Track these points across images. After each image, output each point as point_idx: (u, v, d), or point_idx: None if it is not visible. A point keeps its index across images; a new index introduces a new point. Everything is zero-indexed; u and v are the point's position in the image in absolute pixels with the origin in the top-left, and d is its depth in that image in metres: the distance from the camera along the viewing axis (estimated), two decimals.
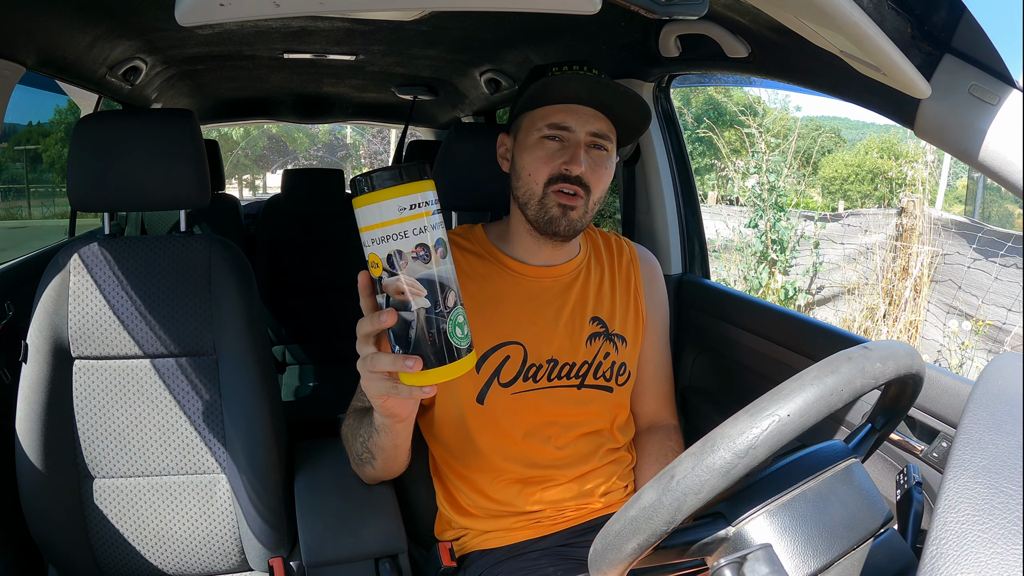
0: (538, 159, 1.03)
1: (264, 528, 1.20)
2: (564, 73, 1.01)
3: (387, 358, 0.68)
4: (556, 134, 1.03)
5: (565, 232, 1.04)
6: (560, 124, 1.02)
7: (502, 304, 1.08)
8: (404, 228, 0.63)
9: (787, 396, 0.56)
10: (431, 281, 0.64)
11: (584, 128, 1.02)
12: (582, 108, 1.03)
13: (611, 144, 1.05)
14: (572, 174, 1.01)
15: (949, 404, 0.94)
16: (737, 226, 5.36)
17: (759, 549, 0.58)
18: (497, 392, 1.06)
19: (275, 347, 2.77)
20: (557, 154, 1.02)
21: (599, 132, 1.03)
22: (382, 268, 0.64)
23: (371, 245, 0.64)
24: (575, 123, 1.02)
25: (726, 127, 9.59)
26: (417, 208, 0.63)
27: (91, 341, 1.18)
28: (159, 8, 1.40)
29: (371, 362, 0.70)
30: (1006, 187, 0.77)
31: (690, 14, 0.79)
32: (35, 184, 4.68)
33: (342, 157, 19.82)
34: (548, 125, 1.03)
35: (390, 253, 0.63)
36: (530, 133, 1.04)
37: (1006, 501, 0.44)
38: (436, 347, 0.66)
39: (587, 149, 1.03)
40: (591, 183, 1.02)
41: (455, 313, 0.66)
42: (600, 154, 1.04)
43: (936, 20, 0.78)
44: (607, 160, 1.05)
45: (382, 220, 0.63)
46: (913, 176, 5.51)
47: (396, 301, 0.65)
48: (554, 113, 1.03)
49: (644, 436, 1.20)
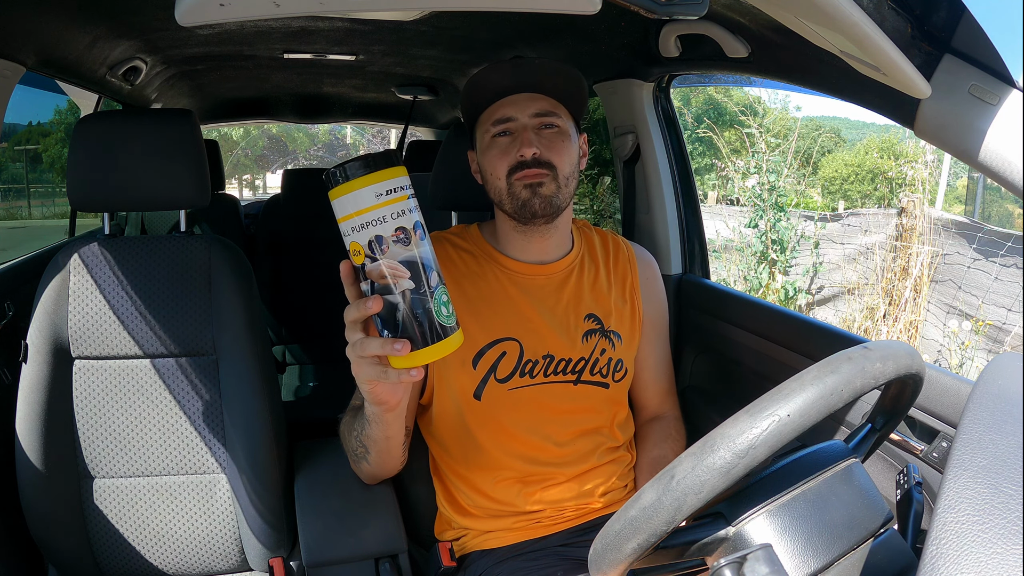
0: (494, 157, 1.06)
1: (264, 528, 1.20)
2: (493, 65, 1.05)
3: (376, 342, 0.69)
4: (503, 128, 1.06)
5: (542, 210, 1.05)
6: (502, 118, 1.05)
7: (497, 301, 1.09)
8: (383, 213, 0.64)
9: (787, 396, 0.56)
10: (413, 263, 0.66)
11: (524, 112, 1.05)
12: (517, 96, 1.06)
13: (561, 119, 1.07)
14: (526, 158, 1.03)
15: (949, 404, 0.94)
16: (737, 226, 5.36)
17: (759, 549, 0.58)
18: (494, 388, 1.06)
19: (275, 347, 2.77)
20: (510, 146, 1.05)
21: (542, 111, 1.06)
22: (364, 255, 0.66)
23: (351, 234, 0.66)
24: (514, 111, 1.05)
25: (726, 127, 9.59)
26: (393, 193, 0.65)
27: (91, 341, 1.18)
28: (159, 8, 1.40)
29: (360, 347, 0.71)
30: (1006, 187, 0.77)
31: (690, 14, 0.79)
32: (35, 184, 4.68)
33: (342, 157, 19.82)
34: (493, 123, 1.06)
35: (371, 239, 0.65)
36: (483, 138, 1.08)
37: (1006, 501, 0.44)
38: (423, 327, 0.67)
39: (536, 131, 1.05)
40: (552, 159, 1.04)
41: (439, 292, 0.68)
42: (551, 132, 1.06)
43: (936, 20, 0.78)
44: (561, 136, 1.07)
45: (360, 207, 0.64)
46: (913, 176, 5.50)
47: (380, 286, 0.66)
48: (495, 111, 1.06)
49: (646, 425, 1.23)
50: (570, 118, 1.09)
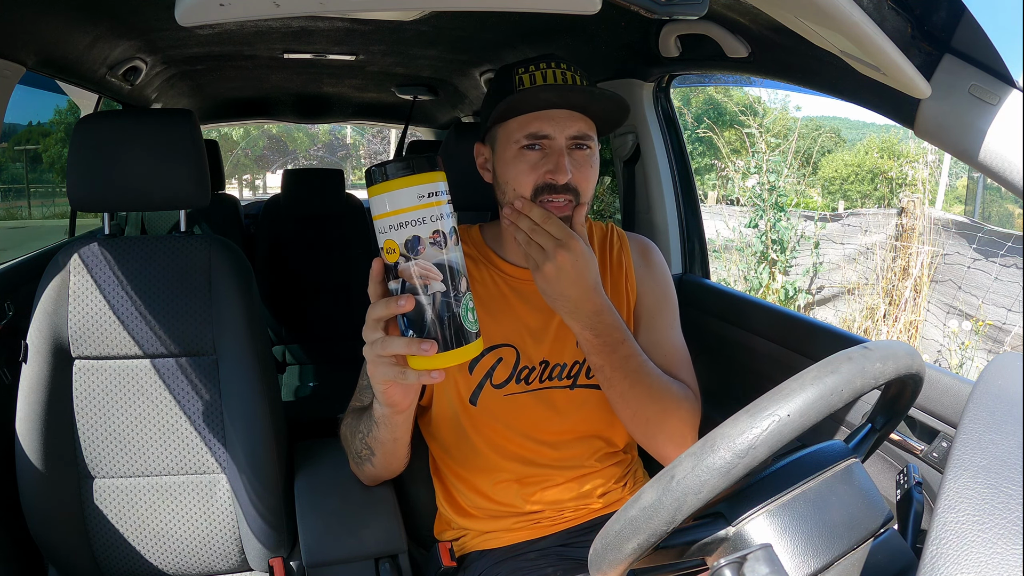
0: (521, 172, 0.99)
1: (264, 528, 1.20)
2: (532, 75, 0.98)
3: (400, 341, 0.68)
4: (535, 143, 0.99)
5: None
6: (538, 133, 0.98)
7: (496, 307, 1.08)
8: (422, 215, 0.65)
9: (787, 396, 0.56)
10: (446, 266, 0.67)
11: (564, 133, 0.98)
12: (558, 112, 0.98)
13: (593, 140, 1.02)
14: (559, 183, 0.97)
15: (949, 404, 0.94)
16: (737, 226, 5.36)
17: (759, 549, 0.58)
18: (490, 393, 1.06)
19: (275, 347, 2.77)
20: (540, 164, 0.98)
21: (579, 134, 0.99)
22: (399, 254, 0.66)
23: (388, 231, 0.66)
24: (553, 130, 0.98)
25: (726, 127, 9.59)
26: (434, 196, 0.66)
27: (91, 341, 1.18)
28: (159, 8, 1.40)
29: (381, 346, 0.70)
30: (1006, 187, 0.77)
31: (690, 14, 0.79)
32: (35, 184, 4.68)
33: (342, 157, 19.84)
34: (526, 136, 0.99)
35: (408, 239, 0.66)
36: (508, 145, 1.00)
37: (1006, 501, 0.44)
38: (449, 331, 0.68)
39: (570, 152, 0.99)
40: (579, 186, 0.99)
41: (466, 298, 0.69)
42: (583, 153, 1.00)
43: (936, 20, 0.78)
44: (591, 158, 1.01)
45: (400, 207, 0.65)
46: (913, 176, 5.51)
47: (411, 286, 0.67)
48: (530, 122, 0.98)
49: None
50: (596, 138, 1.04)
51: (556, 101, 0.98)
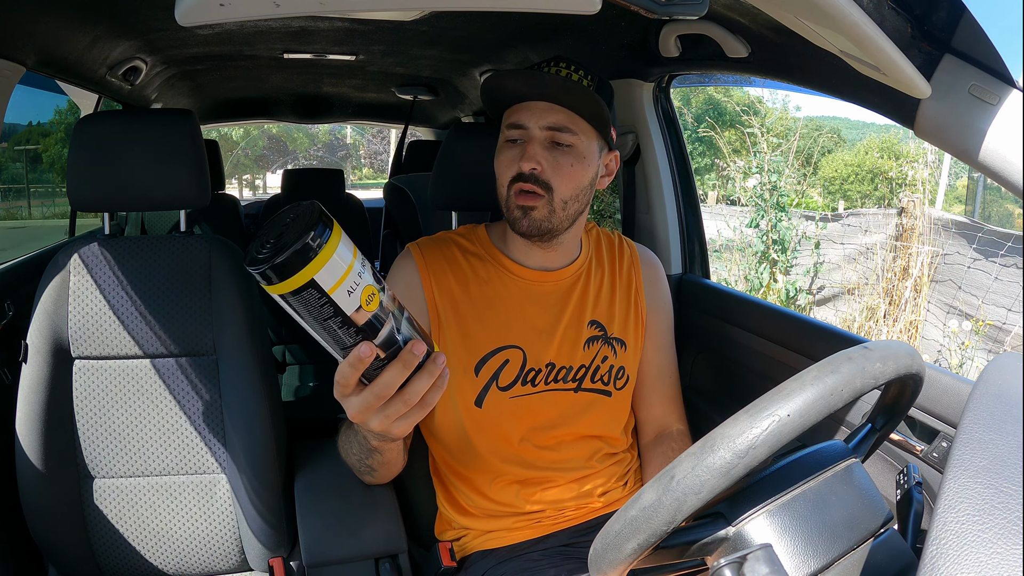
0: (501, 162, 1.03)
1: (264, 528, 1.20)
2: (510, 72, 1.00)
3: (423, 377, 0.59)
4: (516, 135, 1.01)
5: (528, 232, 1.02)
6: (516, 123, 1.01)
7: (503, 307, 1.08)
8: (357, 262, 0.55)
9: (787, 396, 0.56)
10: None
11: (537, 123, 0.99)
12: (537, 104, 1.00)
13: (578, 136, 1.00)
14: (524, 171, 0.98)
15: (949, 404, 0.94)
16: (738, 226, 5.36)
17: (759, 549, 0.58)
18: (495, 396, 1.06)
19: (275, 347, 2.77)
20: (517, 154, 1.00)
21: (556, 125, 0.99)
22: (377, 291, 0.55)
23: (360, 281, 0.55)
24: (528, 119, 1.00)
25: (726, 127, 9.59)
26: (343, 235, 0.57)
27: (91, 341, 1.18)
28: (159, 8, 1.40)
29: (411, 394, 0.59)
30: (1006, 187, 0.77)
31: (690, 14, 0.79)
32: (35, 184, 4.68)
33: (342, 157, 19.84)
34: (507, 126, 1.02)
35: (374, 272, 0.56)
36: (500, 137, 1.05)
37: (1006, 501, 0.44)
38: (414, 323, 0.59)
39: (548, 146, 0.99)
40: (552, 181, 0.99)
41: None
42: (560, 150, 1.00)
43: (936, 20, 0.78)
44: (571, 156, 1.00)
45: (348, 256, 0.55)
46: (913, 176, 5.51)
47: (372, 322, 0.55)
48: (512, 113, 1.02)
49: (651, 448, 1.16)
50: (594, 134, 1.02)
51: (527, 91, 1.00)
